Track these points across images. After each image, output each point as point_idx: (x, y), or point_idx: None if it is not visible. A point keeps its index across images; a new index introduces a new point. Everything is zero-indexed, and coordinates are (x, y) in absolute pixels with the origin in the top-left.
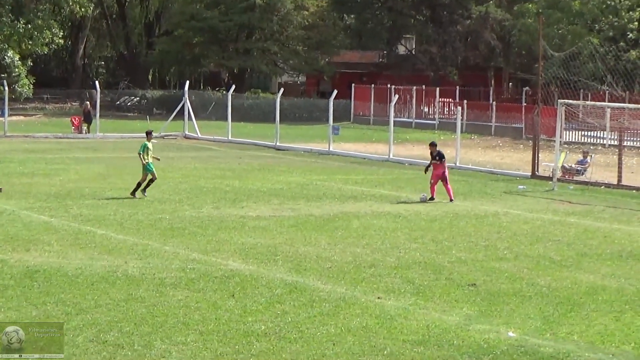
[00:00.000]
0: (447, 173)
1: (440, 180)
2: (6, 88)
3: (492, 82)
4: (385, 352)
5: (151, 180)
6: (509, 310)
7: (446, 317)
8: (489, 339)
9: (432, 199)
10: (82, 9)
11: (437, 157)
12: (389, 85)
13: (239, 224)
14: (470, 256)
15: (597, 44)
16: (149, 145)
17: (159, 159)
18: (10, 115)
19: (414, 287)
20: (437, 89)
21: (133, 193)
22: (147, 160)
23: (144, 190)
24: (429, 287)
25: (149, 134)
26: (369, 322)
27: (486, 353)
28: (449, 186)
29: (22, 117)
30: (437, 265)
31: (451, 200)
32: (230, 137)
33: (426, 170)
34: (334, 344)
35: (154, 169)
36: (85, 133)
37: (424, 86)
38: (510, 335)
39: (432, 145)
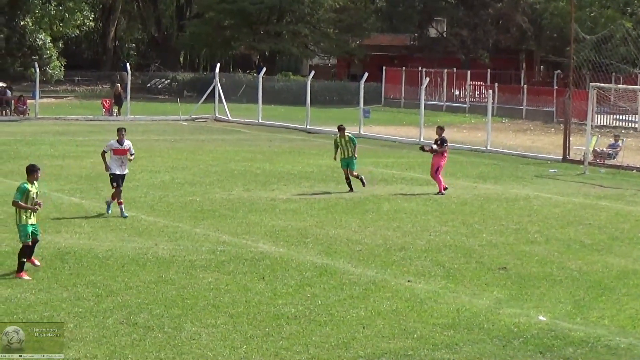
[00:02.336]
0: (443, 163)
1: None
2: (37, 70)
3: (524, 65)
4: (415, 335)
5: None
6: (540, 294)
7: (476, 300)
8: (519, 322)
9: (440, 193)
10: None
11: (440, 142)
12: (419, 68)
13: (270, 207)
14: (501, 239)
15: (630, 27)
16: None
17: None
18: (41, 97)
19: (444, 270)
20: (468, 72)
21: None
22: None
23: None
24: (459, 270)
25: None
26: (399, 305)
27: (516, 337)
28: (440, 177)
29: (53, 100)
30: (467, 249)
31: (441, 192)
32: (260, 120)
33: (423, 148)
34: (363, 327)
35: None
36: (116, 115)
37: (454, 69)
38: (540, 319)
39: (440, 129)
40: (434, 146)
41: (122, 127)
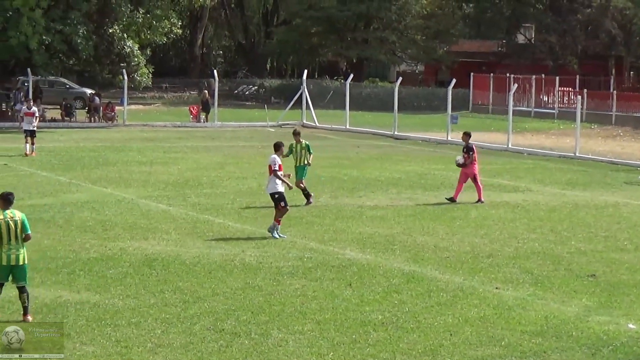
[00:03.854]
0: (476, 170)
1: (470, 179)
2: (125, 77)
3: (613, 71)
4: (502, 342)
5: None
6: (629, 302)
7: (565, 308)
8: (608, 330)
9: (452, 200)
10: None
11: (465, 150)
12: (507, 75)
13: (357, 214)
14: (590, 247)
15: None
16: None
17: None
18: (129, 104)
19: (532, 277)
20: (557, 78)
21: None
22: None
23: None
24: (547, 277)
25: None
26: (487, 312)
27: (605, 345)
28: (480, 184)
29: (141, 106)
30: (556, 256)
31: (480, 201)
32: (348, 126)
33: (462, 164)
34: (451, 334)
35: None
36: (204, 122)
37: (543, 75)
38: (630, 327)
39: (466, 135)
40: (461, 159)
41: (280, 141)
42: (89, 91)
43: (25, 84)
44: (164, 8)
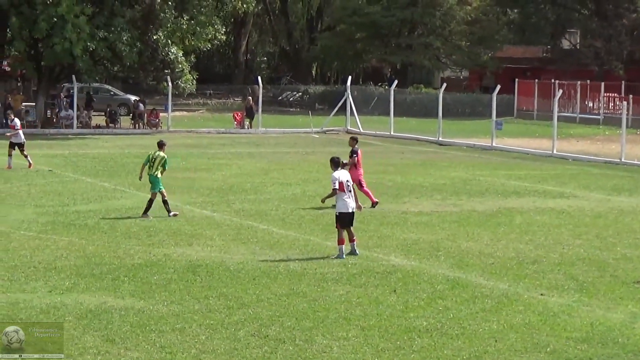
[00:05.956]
0: (361, 176)
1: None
2: (170, 84)
3: None
4: (548, 349)
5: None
6: None
7: (611, 314)
8: None
9: (373, 205)
10: (245, 5)
11: (351, 153)
12: (552, 80)
13: (401, 220)
14: (636, 253)
15: None
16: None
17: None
18: (173, 110)
19: (577, 283)
20: (602, 83)
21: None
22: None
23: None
24: (593, 284)
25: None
26: (532, 318)
27: None
28: (366, 189)
29: (185, 113)
30: (601, 262)
31: (369, 204)
32: (392, 132)
33: (343, 165)
34: (496, 341)
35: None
36: (248, 128)
37: (588, 81)
38: None
39: (352, 140)
40: (345, 161)
41: (337, 157)
42: (133, 98)
43: (71, 91)
44: (208, 14)
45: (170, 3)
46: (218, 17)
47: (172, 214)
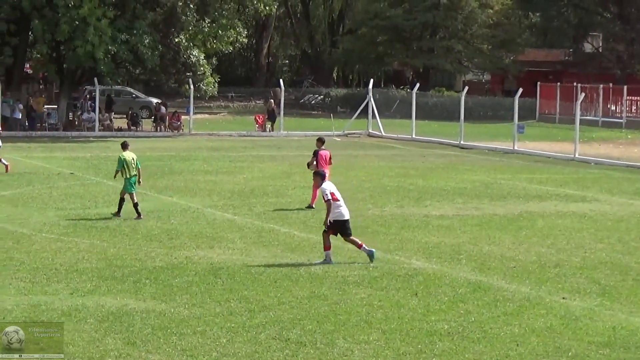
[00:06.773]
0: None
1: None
2: (192, 86)
3: None
4: (569, 353)
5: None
6: None
7: (633, 318)
8: None
9: (310, 207)
10: (267, 8)
11: (313, 154)
12: (575, 84)
13: (423, 223)
14: None
15: None
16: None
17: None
18: (195, 113)
19: (599, 287)
20: (625, 87)
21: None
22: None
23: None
24: (615, 288)
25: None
26: (554, 322)
27: None
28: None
29: (206, 115)
30: (623, 266)
31: (311, 206)
32: (414, 135)
33: (309, 165)
34: (517, 345)
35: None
36: (269, 131)
37: (610, 84)
38: None
39: (319, 141)
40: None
41: (322, 170)
42: (155, 100)
43: (93, 93)
44: (230, 17)
45: (191, 6)
46: (240, 20)
47: (141, 216)
